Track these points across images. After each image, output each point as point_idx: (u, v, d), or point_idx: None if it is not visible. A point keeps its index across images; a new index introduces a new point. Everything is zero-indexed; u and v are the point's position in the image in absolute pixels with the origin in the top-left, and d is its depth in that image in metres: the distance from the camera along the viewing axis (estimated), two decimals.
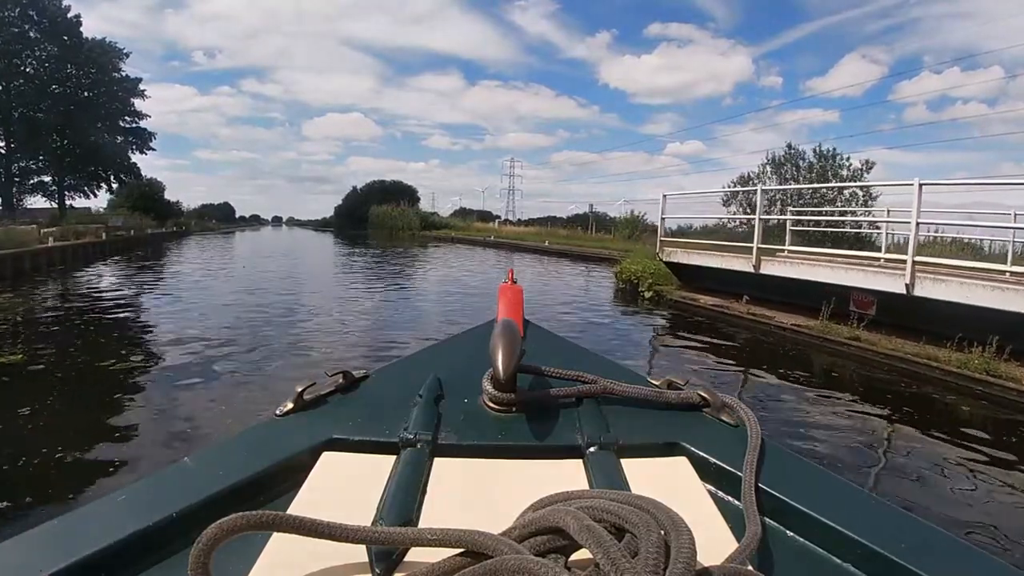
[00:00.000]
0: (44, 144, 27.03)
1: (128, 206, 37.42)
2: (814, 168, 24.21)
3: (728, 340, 6.84)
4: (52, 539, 0.52)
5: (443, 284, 11.97)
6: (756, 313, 7.27)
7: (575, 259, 19.89)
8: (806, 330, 6.69)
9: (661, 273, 9.40)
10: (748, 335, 6.94)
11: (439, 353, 1.03)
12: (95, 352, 5.20)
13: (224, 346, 5.41)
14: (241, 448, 0.68)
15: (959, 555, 0.56)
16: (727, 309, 7.62)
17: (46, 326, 6.62)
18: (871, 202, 21.58)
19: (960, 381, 4.99)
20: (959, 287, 5.44)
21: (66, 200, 29.89)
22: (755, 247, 7.30)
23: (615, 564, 0.38)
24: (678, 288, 9.03)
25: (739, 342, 6.75)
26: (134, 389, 4.12)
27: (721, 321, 7.49)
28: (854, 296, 6.75)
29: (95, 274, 12.40)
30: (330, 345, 5.73)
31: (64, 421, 3.43)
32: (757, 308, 7.39)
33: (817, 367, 5.85)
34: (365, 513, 0.56)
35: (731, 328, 7.25)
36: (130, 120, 30.91)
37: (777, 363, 5.79)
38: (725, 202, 23.67)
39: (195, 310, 7.66)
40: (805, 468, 0.70)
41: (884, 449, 3.69)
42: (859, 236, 15.52)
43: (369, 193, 52.84)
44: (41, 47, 26.12)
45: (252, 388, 4.18)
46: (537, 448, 0.71)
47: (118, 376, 4.38)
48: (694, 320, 7.70)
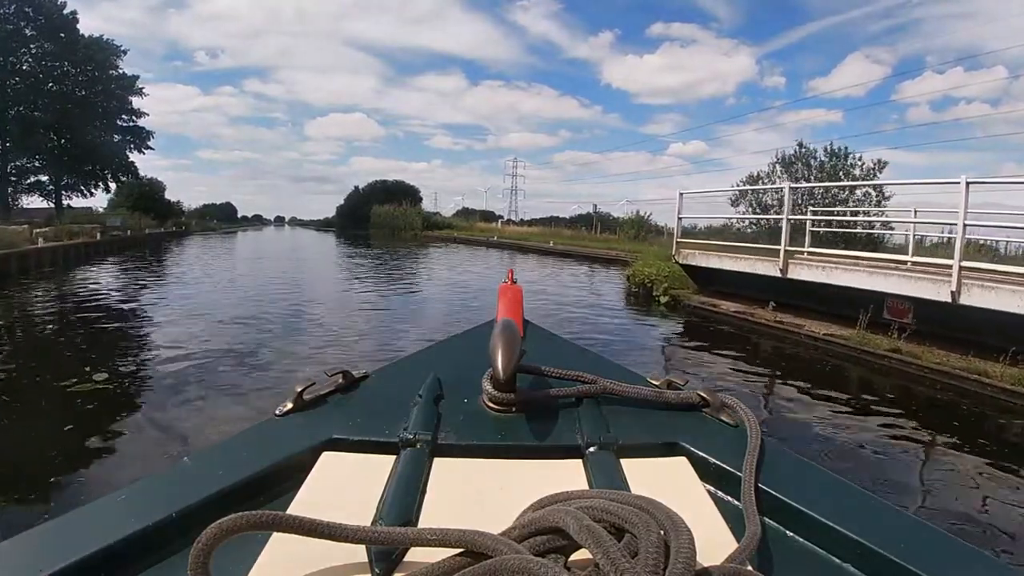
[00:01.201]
0: (40, 143, 26.53)
1: (128, 206, 37.13)
2: (825, 167, 23.74)
3: (755, 351, 6.32)
4: (52, 539, 0.52)
5: (450, 289, 11.45)
6: (784, 321, 6.73)
7: (581, 260, 19.38)
8: (841, 340, 6.15)
9: (676, 276, 8.86)
10: (776, 345, 6.41)
11: (439, 353, 1.02)
12: (56, 368, 4.68)
13: (203, 369, 4.90)
14: (241, 448, 0.68)
15: (959, 555, 0.56)
16: (751, 316, 7.08)
17: (9, 335, 6.12)
18: (884, 202, 21.16)
19: (1016, 400, 4.49)
20: (1011, 295, 4.93)
21: (64, 200, 29.44)
22: (782, 249, 6.76)
23: (615, 564, 0.38)
24: (695, 292, 8.49)
25: (767, 353, 6.22)
26: (82, 416, 3.60)
27: (745, 329, 6.95)
28: (889, 303, 6.24)
29: (82, 277, 11.89)
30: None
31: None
32: (784, 315, 6.85)
33: (854, 382, 5.34)
34: (365, 513, 0.56)
35: (757, 337, 6.71)
36: (127, 118, 30.40)
37: (811, 377, 5.26)
38: (733, 202, 23.23)
39: (180, 322, 7.15)
40: (805, 468, 0.70)
41: (937, 476, 3.25)
42: (870, 237, 15.00)
43: (371, 193, 52.33)
44: (37, 44, 25.65)
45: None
46: (537, 448, 0.70)
47: (73, 400, 3.84)
48: (716, 328, 7.15)
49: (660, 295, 8.51)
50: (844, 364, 5.77)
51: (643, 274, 9.27)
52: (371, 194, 51.84)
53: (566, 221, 44.15)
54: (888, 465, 3.34)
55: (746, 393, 4.83)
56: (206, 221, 56.48)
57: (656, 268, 9.22)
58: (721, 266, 7.64)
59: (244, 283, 11.28)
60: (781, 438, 3.35)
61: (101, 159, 28.94)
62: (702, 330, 7.19)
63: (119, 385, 4.21)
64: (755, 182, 23.89)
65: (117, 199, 39.03)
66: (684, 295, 8.38)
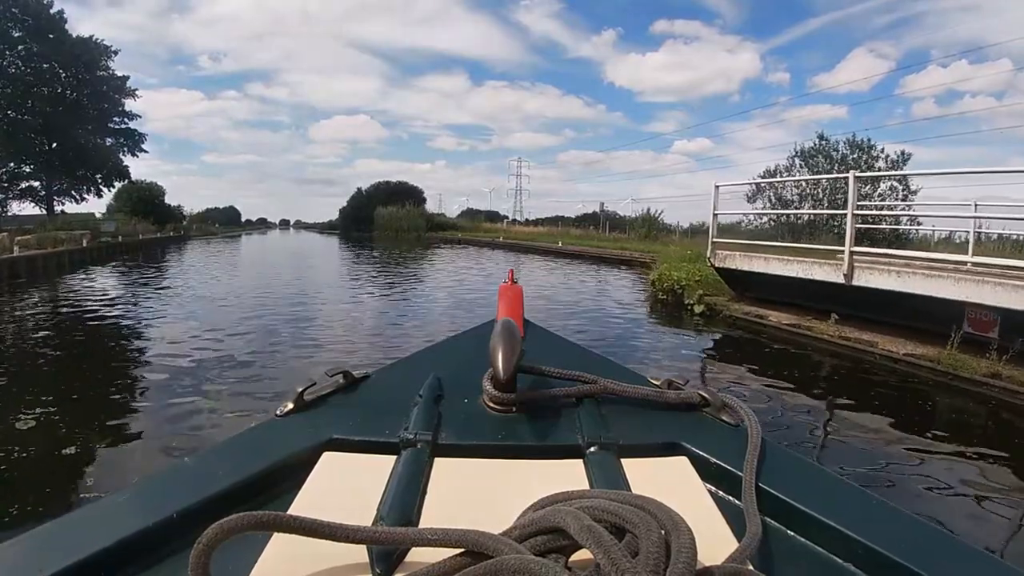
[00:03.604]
0: (30, 147, 25.67)
1: (127, 210, 36.30)
2: (847, 160, 22.62)
3: (819, 375, 5.21)
4: (52, 539, 0.52)
5: (457, 296, 10.35)
6: (849, 337, 5.60)
7: (593, 261, 18.31)
8: (926, 363, 5.03)
9: (710, 281, 7.74)
10: (843, 366, 5.28)
11: (439, 353, 1.01)
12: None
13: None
14: (241, 448, 0.68)
15: (959, 555, 0.56)
16: (809, 331, 5.95)
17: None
18: (911, 196, 19.95)
19: None
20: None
21: (57, 205, 28.52)
22: (847, 251, 5.63)
23: (615, 564, 0.38)
24: (732, 300, 7.36)
25: (835, 378, 5.11)
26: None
27: (803, 346, 5.82)
28: (970, 314, 5.14)
29: (49, 289, 10.89)
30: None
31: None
32: (849, 329, 5.73)
33: (944, 414, 4.31)
34: (365, 513, 0.55)
35: (818, 356, 5.59)
36: (120, 121, 29.43)
37: (895, 409, 4.16)
38: (750, 198, 22.09)
39: (147, 351, 6.10)
40: (805, 468, 0.69)
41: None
42: (897, 234, 13.87)
43: (374, 194, 51.60)
44: (25, 45, 24.72)
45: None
46: (537, 448, 0.70)
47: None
48: (766, 345, 6.01)
49: (694, 303, 7.34)
50: (931, 392, 4.67)
51: (671, 279, 8.12)
52: (374, 195, 51.18)
53: (572, 220, 43.30)
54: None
55: (824, 435, 3.76)
56: (207, 225, 55.80)
57: (685, 272, 8.09)
58: (767, 270, 6.51)
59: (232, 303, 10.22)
60: (784, 441, 2.37)
61: (93, 163, 28.00)
62: (750, 347, 6.06)
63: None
64: (773, 177, 22.77)
65: (116, 204, 38.29)
66: (721, 303, 7.24)
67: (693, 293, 7.50)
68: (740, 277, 7.08)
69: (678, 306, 7.82)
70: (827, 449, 3.55)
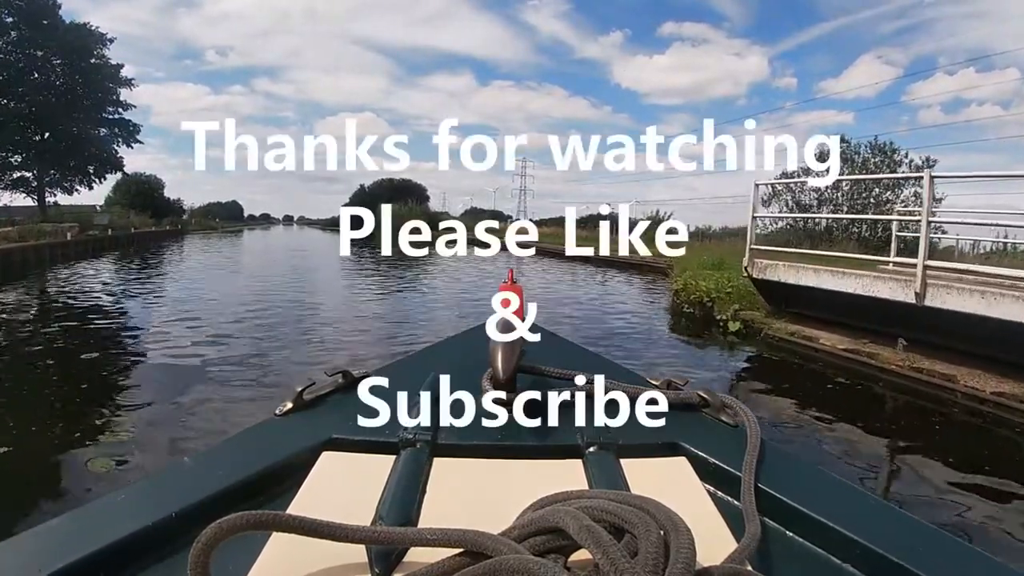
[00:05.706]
0: (20, 136, 24.84)
1: (124, 203, 35.50)
2: (869, 164, 21.72)
3: (883, 414, 4.32)
4: (52, 539, 0.51)
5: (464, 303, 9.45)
6: (922, 369, 4.70)
7: (600, 265, 17.44)
8: (1019, 404, 4.13)
9: (743, 294, 6.83)
10: (914, 405, 4.38)
11: (439, 353, 1.02)
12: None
13: None
14: (241, 448, 0.68)
15: (959, 555, 0.55)
16: (869, 359, 5.04)
17: None
18: (936, 203, 19.00)
19: None
20: None
21: (50, 197, 27.69)
22: (920, 264, 4.72)
23: (615, 564, 0.38)
24: (769, 316, 6.44)
25: (905, 419, 4.22)
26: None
27: (863, 377, 4.91)
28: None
29: (14, 286, 10.05)
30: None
31: None
32: (919, 358, 4.82)
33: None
34: (365, 513, 0.55)
35: (881, 388, 4.69)
36: (114, 111, 28.49)
37: (984, 462, 3.27)
38: (765, 201, 21.17)
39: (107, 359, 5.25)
40: (804, 468, 0.69)
41: None
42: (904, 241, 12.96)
43: (377, 192, 50.80)
44: (17, 31, 23.87)
45: None
46: (537, 448, 0.70)
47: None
48: (816, 373, 5.10)
49: (728, 319, 6.41)
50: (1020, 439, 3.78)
51: (699, 289, 7.21)
52: (377, 193, 50.38)
53: (578, 221, 42.41)
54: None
55: (900, 492, 2.88)
56: (207, 220, 55.06)
57: (715, 282, 7.18)
58: (818, 284, 5.60)
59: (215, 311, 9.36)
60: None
61: (85, 153, 27.14)
62: (796, 375, 5.14)
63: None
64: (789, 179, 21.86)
65: (115, 196, 37.50)
66: (759, 320, 6.33)
67: (726, 307, 6.58)
68: (782, 290, 6.17)
69: (707, 321, 6.88)
70: (924, 509, 2.66)
